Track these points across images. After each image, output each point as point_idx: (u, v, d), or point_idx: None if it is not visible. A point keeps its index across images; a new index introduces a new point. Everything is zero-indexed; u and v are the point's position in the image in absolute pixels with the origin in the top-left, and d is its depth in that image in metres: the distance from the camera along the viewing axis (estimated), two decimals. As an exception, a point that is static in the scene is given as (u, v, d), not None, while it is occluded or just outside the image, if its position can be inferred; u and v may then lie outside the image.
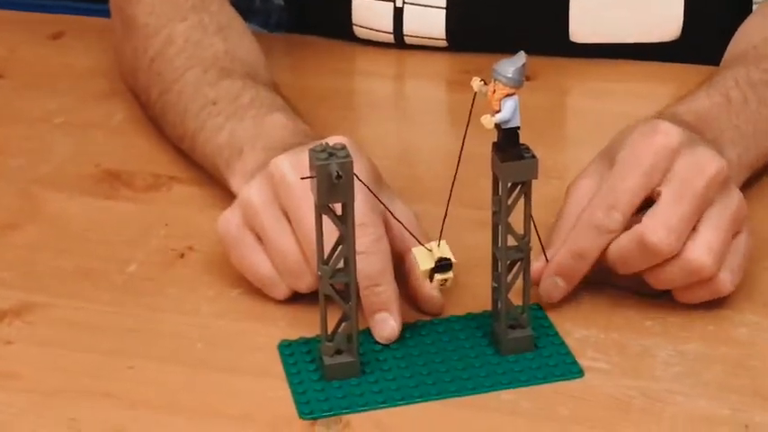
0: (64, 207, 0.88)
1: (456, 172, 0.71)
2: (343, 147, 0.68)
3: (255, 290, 0.78)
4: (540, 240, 0.75)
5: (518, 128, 0.69)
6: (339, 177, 0.67)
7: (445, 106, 1.03)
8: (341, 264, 0.70)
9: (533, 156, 0.70)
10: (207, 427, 0.70)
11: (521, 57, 0.68)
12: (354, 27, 1.06)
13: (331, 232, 0.70)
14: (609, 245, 0.74)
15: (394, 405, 0.71)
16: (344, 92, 1.03)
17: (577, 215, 0.75)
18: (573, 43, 1.03)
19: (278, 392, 0.72)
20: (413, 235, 0.73)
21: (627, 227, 0.74)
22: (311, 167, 0.68)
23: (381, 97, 1.04)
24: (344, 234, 0.69)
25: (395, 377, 0.72)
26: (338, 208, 0.69)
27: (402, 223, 0.73)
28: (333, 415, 0.70)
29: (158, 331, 0.77)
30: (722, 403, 0.70)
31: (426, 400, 0.71)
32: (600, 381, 0.72)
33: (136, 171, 0.92)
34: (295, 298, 0.77)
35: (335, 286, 0.71)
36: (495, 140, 0.70)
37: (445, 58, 1.05)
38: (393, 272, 0.74)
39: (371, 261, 0.73)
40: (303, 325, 0.76)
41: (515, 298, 0.73)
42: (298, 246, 0.75)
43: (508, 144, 0.70)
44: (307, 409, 0.70)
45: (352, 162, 0.67)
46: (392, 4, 1.03)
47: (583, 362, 0.73)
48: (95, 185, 0.90)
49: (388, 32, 1.05)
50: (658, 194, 0.74)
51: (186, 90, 0.90)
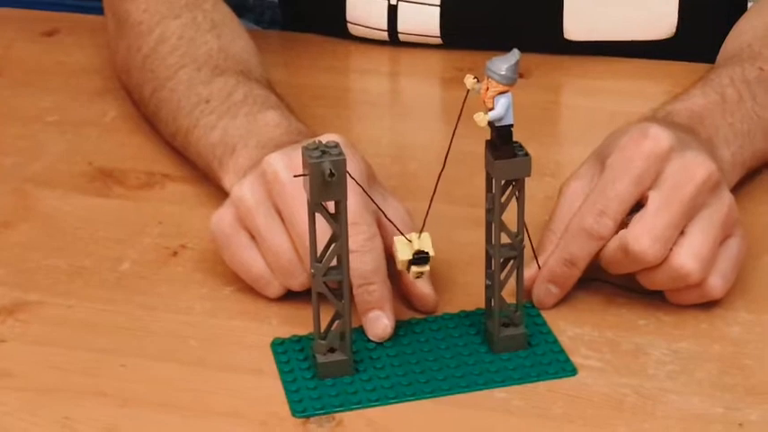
0: (57, 205, 0.88)
1: (443, 168, 0.71)
2: (336, 145, 0.68)
3: (248, 288, 0.78)
4: (533, 247, 0.75)
5: (511, 125, 0.69)
6: (332, 175, 0.67)
7: (439, 104, 1.02)
8: (334, 262, 0.70)
9: (526, 153, 0.70)
10: (200, 425, 0.70)
11: (514, 54, 0.68)
12: (348, 24, 1.06)
13: (324, 230, 0.70)
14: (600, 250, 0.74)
15: (387, 403, 0.70)
16: (338, 89, 1.03)
17: (569, 219, 0.75)
18: (567, 41, 1.03)
19: (271, 390, 0.72)
20: (404, 235, 0.73)
21: (619, 228, 0.74)
22: (304, 165, 0.68)
23: (375, 95, 1.04)
24: (337, 232, 0.69)
25: (388, 375, 0.72)
26: (331, 206, 0.69)
27: (393, 223, 0.73)
28: (325, 413, 0.70)
29: (151, 329, 0.76)
30: (715, 401, 0.70)
31: (419, 399, 0.71)
32: (593, 379, 0.72)
33: (129, 169, 0.91)
34: (288, 296, 0.77)
35: (329, 284, 0.71)
36: (488, 138, 0.70)
37: (439, 56, 1.05)
38: (386, 270, 0.74)
39: (364, 260, 0.73)
40: (296, 323, 0.76)
41: (509, 296, 0.73)
42: (291, 244, 0.75)
43: (501, 142, 0.70)
44: (299, 408, 0.70)
45: (345, 160, 0.67)
46: (386, 2, 1.03)
47: (576, 360, 0.73)
48: (88, 183, 0.90)
49: (383, 30, 1.05)
50: (647, 199, 0.74)
51: (179, 88, 0.89)
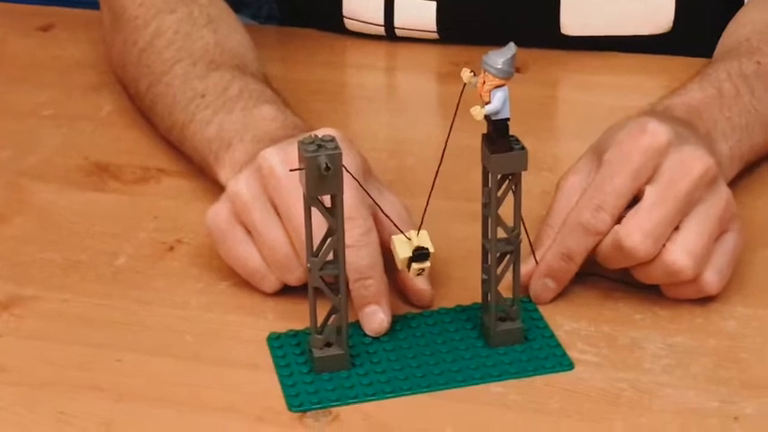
0: (52, 199, 0.88)
1: (440, 163, 0.71)
2: (332, 139, 0.68)
3: (244, 282, 0.78)
4: (530, 242, 0.75)
5: (508, 119, 0.69)
6: (328, 169, 0.67)
7: (436, 98, 1.02)
8: (330, 256, 0.70)
9: (523, 147, 0.70)
10: (196, 420, 0.70)
11: (510, 48, 0.68)
12: (345, 19, 1.06)
13: (320, 225, 0.69)
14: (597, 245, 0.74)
15: (383, 398, 0.70)
16: (335, 84, 1.03)
17: (566, 214, 0.75)
18: (564, 36, 1.02)
19: (267, 385, 0.71)
20: (400, 230, 0.72)
21: (617, 223, 0.74)
22: (300, 159, 0.68)
23: (372, 89, 1.04)
24: (334, 226, 0.69)
25: (384, 369, 0.72)
26: (327, 200, 0.69)
27: (390, 217, 0.73)
28: (322, 407, 0.70)
29: (147, 324, 0.76)
30: (711, 395, 0.70)
31: (416, 393, 0.71)
32: (589, 373, 0.72)
33: (124, 163, 0.91)
34: (284, 290, 0.77)
35: (325, 279, 0.70)
36: (484, 132, 0.70)
37: (436, 51, 1.05)
38: (383, 265, 0.74)
39: (361, 254, 0.72)
40: (292, 317, 0.76)
41: (505, 290, 0.73)
42: (287, 238, 0.75)
43: (498, 136, 0.69)
44: (296, 402, 0.70)
45: (341, 154, 0.67)
46: (383, -3, 1.03)
47: (572, 354, 0.73)
48: (84, 178, 0.90)
49: (379, 25, 1.04)
50: (643, 194, 0.74)
51: (175, 82, 0.89)
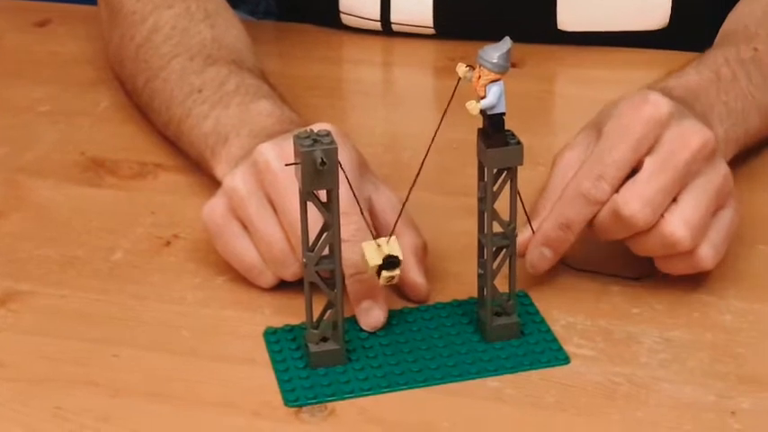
0: (49, 195, 0.88)
1: (425, 156, 0.71)
2: (327, 133, 0.68)
3: (241, 277, 0.78)
4: (526, 212, 0.75)
5: (503, 114, 0.69)
6: (323, 164, 0.67)
7: (432, 93, 1.02)
8: (326, 251, 0.70)
9: (519, 142, 0.70)
10: (192, 415, 0.70)
11: (506, 42, 0.68)
12: (342, 15, 1.06)
13: (316, 219, 0.70)
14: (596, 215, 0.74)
15: (379, 392, 0.70)
16: (332, 79, 1.03)
17: (563, 186, 0.75)
18: (561, 31, 1.02)
19: (263, 380, 0.71)
20: (375, 238, 0.72)
21: None
22: (296, 154, 0.68)
23: (369, 84, 1.04)
24: (329, 221, 0.69)
25: (380, 364, 0.72)
26: (323, 195, 0.69)
27: (385, 212, 0.73)
28: (318, 402, 0.70)
29: (143, 319, 0.76)
30: (708, 390, 0.70)
31: (412, 388, 0.71)
32: (586, 367, 0.72)
33: (121, 159, 0.91)
34: (280, 285, 0.77)
35: (321, 274, 0.70)
36: (480, 127, 0.70)
37: (433, 46, 1.05)
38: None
39: (356, 249, 0.72)
40: (288, 312, 0.76)
41: (501, 285, 0.73)
42: (283, 234, 0.75)
43: (493, 130, 0.69)
44: (292, 397, 0.70)
45: (336, 149, 0.67)
46: (379, -8, 1.03)
47: (569, 349, 0.73)
48: (81, 173, 0.90)
49: (375, 20, 1.04)
50: (642, 165, 0.74)
51: (172, 78, 0.89)
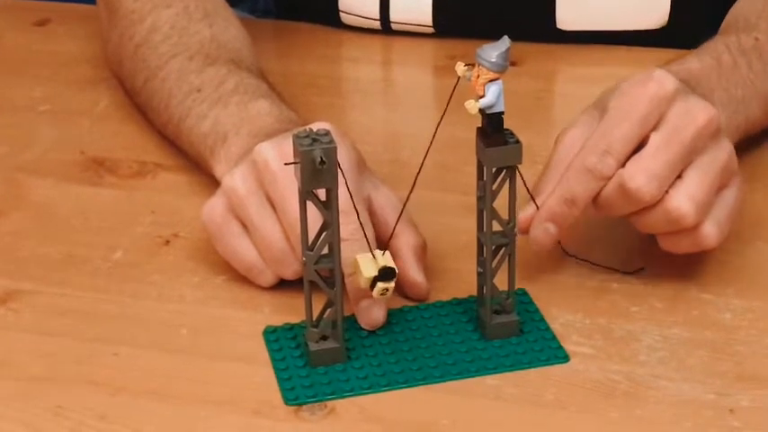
0: (49, 194, 0.88)
1: (425, 155, 0.71)
2: (326, 132, 0.68)
3: (240, 276, 0.78)
4: (528, 189, 0.74)
5: (502, 113, 0.69)
6: (323, 163, 0.67)
7: (431, 92, 1.03)
8: (325, 250, 0.70)
9: (517, 141, 0.70)
10: (192, 414, 0.70)
11: (504, 41, 0.68)
12: (341, 14, 1.06)
13: (315, 218, 0.70)
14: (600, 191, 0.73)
15: (379, 391, 0.71)
16: (331, 78, 1.03)
17: (566, 163, 0.74)
18: (560, 30, 1.03)
19: (263, 379, 0.72)
20: (369, 248, 0.72)
21: None
22: (295, 154, 0.68)
23: (368, 83, 1.04)
24: (329, 220, 0.69)
25: (380, 363, 0.72)
26: (322, 194, 0.69)
27: (384, 211, 0.73)
28: (318, 401, 0.70)
29: (143, 318, 0.76)
30: (707, 387, 0.70)
31: (411, 386, 0.71)
32: (585, 365, 0.72)
33: (121, 158, 0.91)
34: (280, 284, 0.77)
35: (320, 272, 0.71)
36: (479, 126, 0.70)
37: (432, 44, 1.05)
38: (378, 258, 0.74)
39: (355, 248, 0.73)
40: (288, 311, 0.76)
41: (501, 283, 0.73)
42: (283, 233, 0.75)
43: (492, 129, 0.70)
44: (292, 396, 0.70)
45: (335, 148, 0.67)
46: (378, -9, 1.03)
47: (568, 347, 0.73)
48: (80, 173, 0.90)
49: (375, 19, 1.05)
50: (647, 141, 0.73)
51: (171, 77, 0.89)
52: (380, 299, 0.73)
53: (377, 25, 1.05)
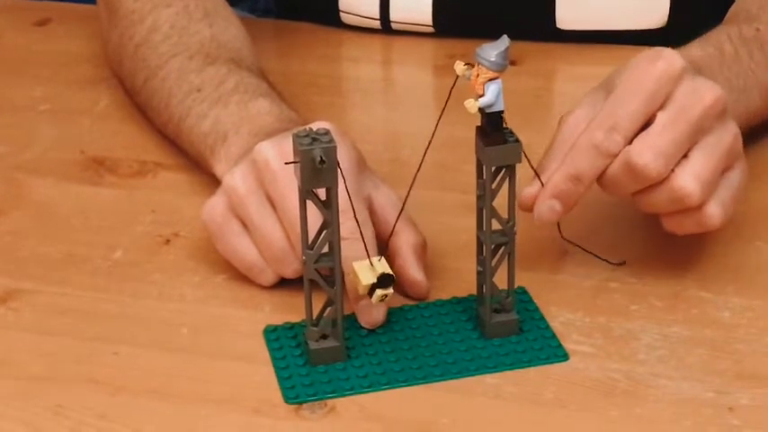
0: (49, 194, 0.88)
1: (424, 154, 0.71)
2: (326, 132, 0.68)
3: (240, 275, 0.78)
4: (533, 166, 0.74)
5: (502, 112, 0.69)
6: (323, 162, 0.67)
7: (431, 91, 1.03)
8: (325, 249, 0.70)
9: (517, 140, 0.70)
10: (192, 413, 0.70)
11: (504, 41, 0.68)
12: (341, 13, 1.06)
13: (316, 217, 0.70)
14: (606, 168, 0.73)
15: (379, 389, 0.71)
16: (331, 77, 1.03)
17: (571, 142, 0.74)
18: (560, 30, 1.03)
19: (263, 377, 0.72)
20: (367, 252, 0.72)
21: None
22: (295, 153, 0.68)
23: (368, 82, 1.04)
24: (329, 219, 0.69)
25: (380, 361, 0.72)
26: (322, 193, 0.69)
27: (384, 209, 0.73)
28: (318, 399, 0.70)
29: (143, 317, 0.77)
30: (706, 386, 0.70)
31: (411, 385, 0.71)
32: (585, 364, 0.72)
33: (121, 157, 0.91)
34: (280, 283, 0.77)
35: (320, 271, 0.71)
36: (479, 125, 0.70)
37: (432, 43, 1.05)
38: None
39: (355, 247, 0.73)
40: (288, 310, 0.76)
41: (500, 282, 0.73)
42: (283, 232, 0.75)
43: (492, 128, 0.70)
44: (292, 394, 0.70)
45: (335, 147, 0.67)
46: (378, -9, 1.03)
47: (568, 345, 0.73)
48: (81, 172, 0.90)
49: (375, 19, 1.05)
50: (654, 119, 0.73)
51: (171, 76, 0.89)
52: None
53: (377, 25, 1.05)
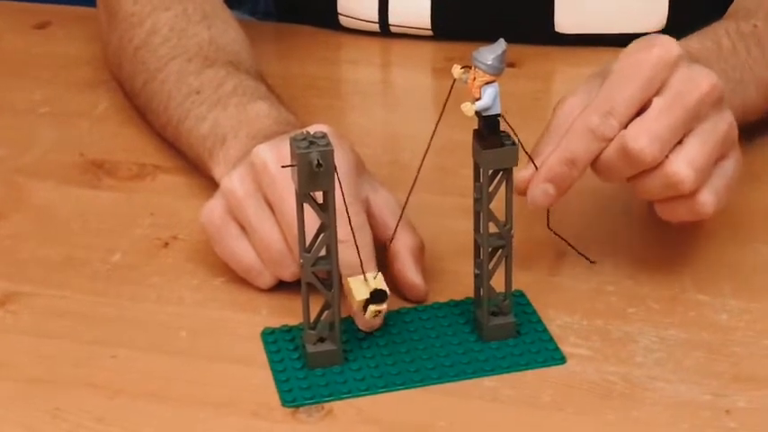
0: (48, 196, 0.88)
1: (423, 158, 0.71)
2: (323, 135, 0.68)
3: (239, 278, 0.78)
4: (526, 151, 0.74)
5: (498, 115, 0.69)
6: (320, 166, 0.67)
7: (430, 94, 1.03)
8: (323, 252, 0.70)
9: (514, 143, 0.70)
10: (190, 416, 0.70)
11: (500, 44, 0.68)
12: (340, 16, 1.06)
13: (313, 220, 0.70)
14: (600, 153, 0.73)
15: (376, 392, 0.71)
16: (330, 80, 1.04)
17: (566, 127, 0.74)
18: (558, 34, 1.03)
19: (261, 380, 0.72)
20: (362, 260, 0.72)
21: None
22: (292, 156, 0.68)
23: (367, 85, 1.04)
24: (326, 222, 0.70)
25: (377, 365, 0.72)
26: (320, 196, 0.69)
27: (383, 213, 0.73)
28: (315, 402, 0.70)
29: (142, 320, 0.77)
30: (703, 388, 0.70)
31: (409, 388, 0.71)
32: (582, 367, 0.72)
33: (120, 160, 0.92)
34: (278, 286, 0.77)
35: (318, 274, 0.71)
36: (476, 128, 0.71)
37: (431, 47, 1.05)
38: (375, 260, 0.74)
39: (353, 250, 0.73)
40: (286, 313, 0.76)
41: (498, 285, 0.74)
42: (281, 235, 0.75)
43: (489, 131, 0.70)
44: (289, 397, 0.70)
45: (332, 151, 0.68)
46: (377, -6, 1.03)
47: (565, 348, 0.73)
48: (80, 175, 0.90)
49: (374, 22, 1.05)
50: (649, 105, 0.73)
51: (170, 79, 0.90)
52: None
53: (375, 28, 1.05)
